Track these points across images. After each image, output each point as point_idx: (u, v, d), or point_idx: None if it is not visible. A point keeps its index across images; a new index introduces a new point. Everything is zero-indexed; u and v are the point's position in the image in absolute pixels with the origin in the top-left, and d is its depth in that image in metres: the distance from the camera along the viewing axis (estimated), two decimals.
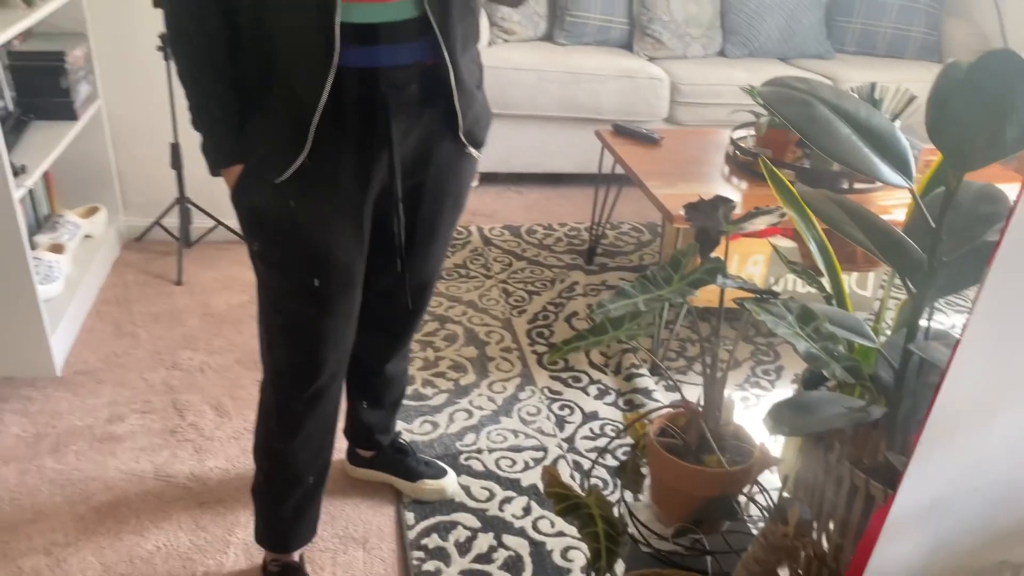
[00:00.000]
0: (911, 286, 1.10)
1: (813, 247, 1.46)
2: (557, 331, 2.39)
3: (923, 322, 1.14)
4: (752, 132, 2.55)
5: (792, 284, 2.49)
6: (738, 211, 2.21)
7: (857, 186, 2.27)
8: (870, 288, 2.51)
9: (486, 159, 3.39)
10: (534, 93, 3.15)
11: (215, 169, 1.23)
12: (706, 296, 2.36)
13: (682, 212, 2.09)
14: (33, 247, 2.29)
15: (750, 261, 2.45)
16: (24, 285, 1.97)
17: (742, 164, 2.40)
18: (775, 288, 2.47)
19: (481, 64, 1.35)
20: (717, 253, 1.34)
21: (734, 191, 2.31)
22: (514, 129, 3.24)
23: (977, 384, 0.84)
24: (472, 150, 1.34)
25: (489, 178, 3.39)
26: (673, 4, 3.44)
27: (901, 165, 1.09)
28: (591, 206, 2.96)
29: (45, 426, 1.91)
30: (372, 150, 1.22)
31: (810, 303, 1.20)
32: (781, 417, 1.09)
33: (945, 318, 2.60)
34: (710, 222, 1.29)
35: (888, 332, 1.47)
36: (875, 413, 1.08)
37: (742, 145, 2.42)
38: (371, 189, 1.26)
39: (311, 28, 1.11)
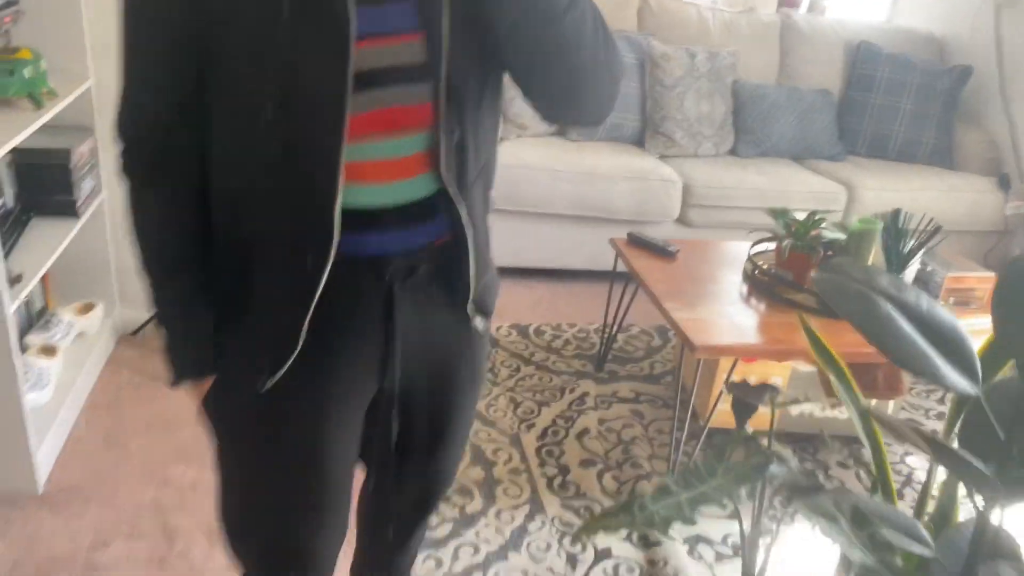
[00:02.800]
0: (978, 501, 1.02)
1: (857, 420, 1.38)
2: (568, 451, 2.30)
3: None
4: (771, 247, 2.49)
5: (810, 409, 2.41)
6: (759, 336, 2.13)
7: None
8: (891, 413, 2.43)
9: (495, 252, 3.32)
10: (546, 192, 3.11)
11: (181, 379, 1.03)
12: (723, 418, 2.27)
13: (702, 343, 2.02)
14: (24, 349, 2.19)
15: (769, 381, 2.37)
16: (11, 396, 1.86)
17: (761, 285, 2.34)
18: (791, 409, 2.39)
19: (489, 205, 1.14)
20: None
21: (752, 313, 2.24)
22: (524, 225, 3.19)
23: None
24: (479, 320, 1.12)
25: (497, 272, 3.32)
26: (686, 103, 3.43)
27: (967, 367, 1.02)
28: (599, 305, 2.89)
29: (24, 552, 1.79)
30: (370, 347, 1.03)
31: (858, 499, 1.12)
32: None
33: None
34: (751, 398, 1.22)
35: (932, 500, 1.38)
36: None
37: (761, 265, 2.36)
38: (369, 387, 1.07)
39: (305, 217, 0.92)
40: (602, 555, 1.94)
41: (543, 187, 3.09)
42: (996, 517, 1.03)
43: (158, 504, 1.97)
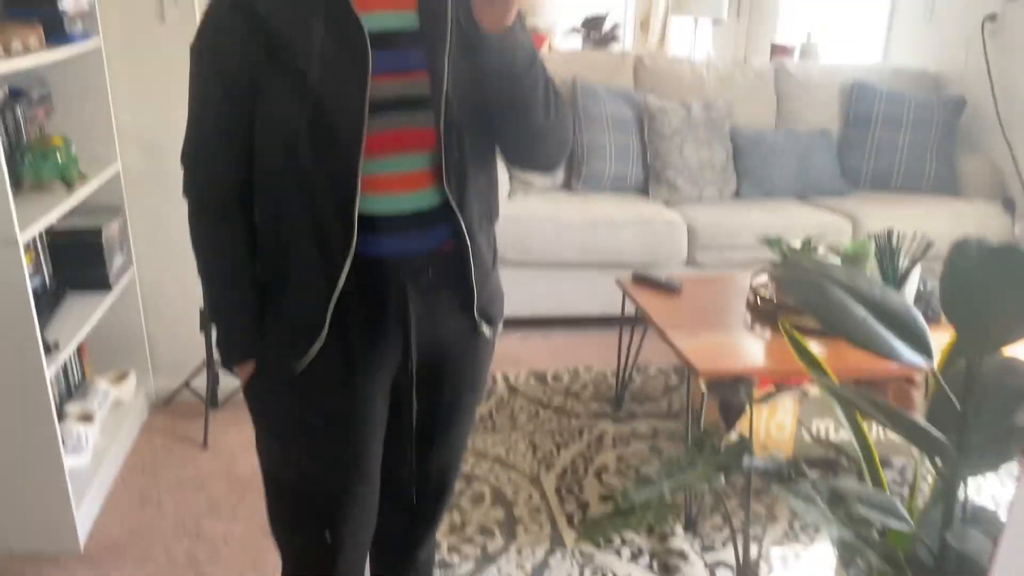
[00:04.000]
0: (942, 469, 1.07)
1: (840, 415, 1.43)
2: (587, 488, 2.34)
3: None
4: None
5: (824, 431, 2.43)
6: (763, 361, 2.19)
7: None
8: None
9: (510, 304, 3.42)
10: (554, 242, 3.22)
11: (229, 363, 1.24)
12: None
13: (706, 368, 2.08)
14: (64, 416, 2.32)
15: (780, 408, 2.41)
16: (52, 460, 1.98)
17: (764, 312, 2.40)
18: (805, 437, 2.42)
19: (496, 245, 1.35)
20: (742, 424, 1.33)
21: (756, 340, 2.30)
22: (536, 275, 3.29)
23: None
24: (486, 328, 1.31)
25: (513, 323, 3.41)
26: (686, 150, 3.55)
27: (919, 344, 1.08)
28: (614, 348, 2.95)
29: None
30: (388, 336, 1.21)
31: (840, 482, 1.17)
32: None
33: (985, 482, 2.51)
34: (733, 397, 1.28)
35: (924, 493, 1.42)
36: None
37: (762, 294, 2.43)
38: (386, 375, 1.24)
39: (330, 219, 1.12)
40: None
41: (551, 237, 3.20)
42: (978, 498, 1.08)
43: (192, 557, 2.04)
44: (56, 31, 2.04)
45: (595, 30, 4.20)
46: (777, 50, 4.50)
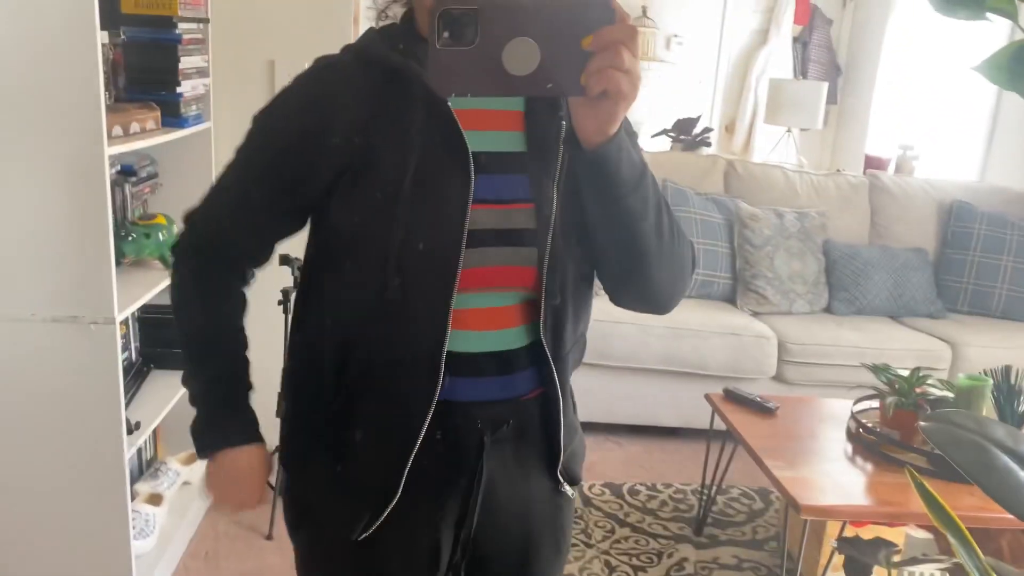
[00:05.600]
0: None
1: None
2: None
3: None
4: (874, 405, 2.41)
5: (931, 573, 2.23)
6: (865, 498, 2.02)
7: None
8: None
9: (585, 408, 3.31)
10: (636, 346, 3.12)
11: (208, 448, 1.11)
12: None
13: (808, 504, 1.94)
14: (133, 497, 2.27)
15: None
16: (120, 543, 1.92)
17: (866, 444, 2.25)
18: None
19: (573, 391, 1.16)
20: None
21: (859, 473, 2.15)
22: (614, 379, 3.18)
23: None
24: (568, 488, 1.12)
25: (587, 427, 3.26)
26: (777, 261, 3.45)
27: None
28: (695, 464, 2.81)
29: None
30: (456, 494, 1.03)
31: None
32: None
33: None
34: (870, 558, 1.16)
35: None
36: None
37: (866, 423, 2.28)
38: (450, 536, 1.06)
39: (412, 360, 0.96)
40: None
41: (633, 342, 3.11)
42: None
43: None
44: (172, 114, 2.08)
45: (685, 133, 4.19)
46: (871, 161, 4.40)
